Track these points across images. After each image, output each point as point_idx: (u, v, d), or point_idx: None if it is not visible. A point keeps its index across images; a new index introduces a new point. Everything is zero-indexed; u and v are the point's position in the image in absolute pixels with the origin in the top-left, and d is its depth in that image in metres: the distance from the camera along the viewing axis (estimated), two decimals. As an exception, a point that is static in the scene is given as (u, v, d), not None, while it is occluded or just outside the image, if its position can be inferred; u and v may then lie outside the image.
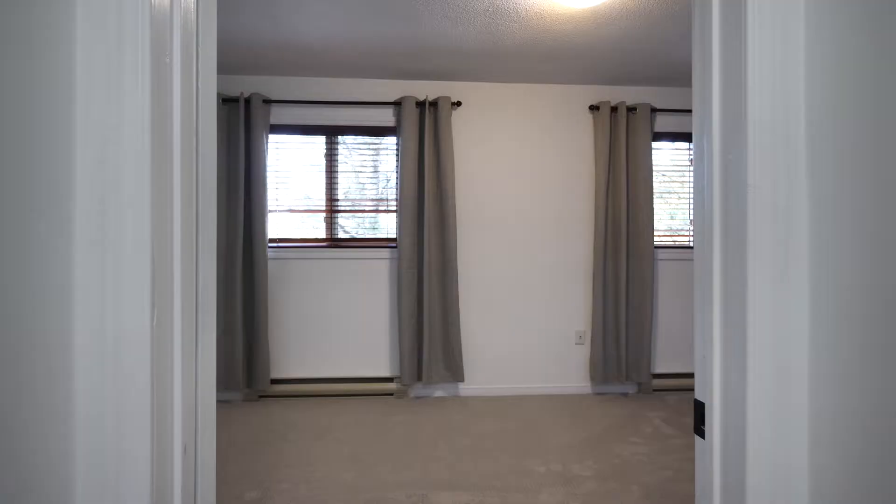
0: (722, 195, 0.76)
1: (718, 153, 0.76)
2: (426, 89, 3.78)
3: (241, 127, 3.52)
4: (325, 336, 3.75)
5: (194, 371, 0.76)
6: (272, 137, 3.76)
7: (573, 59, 3.33)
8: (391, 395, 3.76)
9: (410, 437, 2.99)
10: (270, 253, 3.70)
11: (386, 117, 3.78)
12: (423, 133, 3.66)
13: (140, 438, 0.63)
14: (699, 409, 0.84)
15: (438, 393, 3.81)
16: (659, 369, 3.94)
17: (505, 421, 3.27)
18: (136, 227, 0.62)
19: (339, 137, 3.82)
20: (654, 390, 3.91)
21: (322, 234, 3.81)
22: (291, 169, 3.79)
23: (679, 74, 3.63)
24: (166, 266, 0.68)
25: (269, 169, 3.70)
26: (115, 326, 0.63)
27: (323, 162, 3.81)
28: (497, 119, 3.83)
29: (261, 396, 3.67)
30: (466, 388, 3.82)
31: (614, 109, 3.77)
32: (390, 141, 3.84)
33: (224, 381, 3.55)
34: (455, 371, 3.68)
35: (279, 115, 3.72)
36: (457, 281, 3.66)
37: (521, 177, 3.85)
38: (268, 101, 3.61)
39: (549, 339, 3.88)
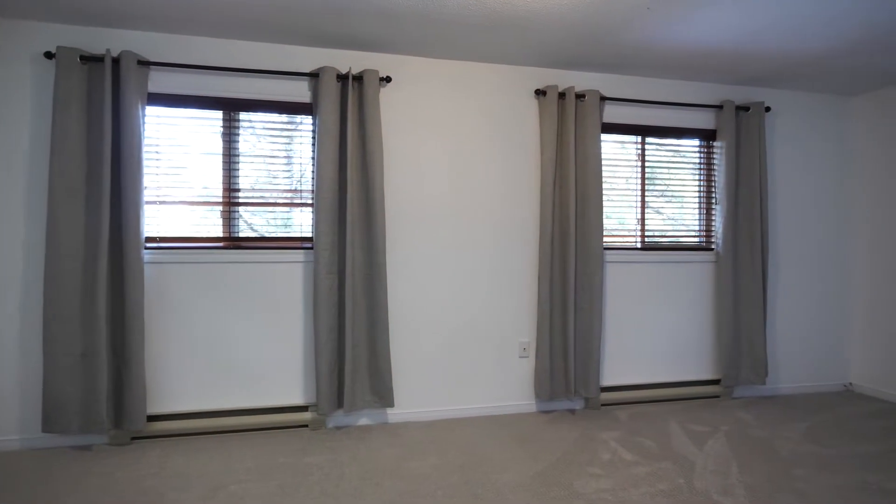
0: None
1: None
2: (350, 60, 3.19)
3: (107, 94, 2.73)
4: (221, 358, 3.04)
5: None
6: (151, 110, 2.99)
7: (520, 29, 2.89)
8: (306, 426, 3.12)
9: (330, 487, 2.39)
10: (148, 255, 2.93)
11: (300, 91, 3.14)
12: (346, 112, 3.06)
13: None
14: None
15: (363, 421, 3.22)
16: (606, 381, 3.62)
17: (445, 454, 2.77)
18: None
19: (241, 114, 3.12)
20: (603, 405, 3.58)
21: (218, 232, 3.09)
22: (178, 150, 3.03)
23: (631, 60, 3.31)
24: None
25: (146, 149, 2.93)
26: None
27: (220, 143, 3.09)
28: (433, 99, 3.32)
29: (134, 438, 2.89)
30: (396, 413, 3.26)
31: (562, 95, 3.39)
32: (308, 121, 3.20)
33: (81, 420, 2.74)
34: (383, 394, 3.12)
35: (160, 81, 2.96)
36: (385, 288, 3.10)
37: (459, 167, 3.36)
38: (144, 63, 2.84)
39: (491, 352, 3.43)
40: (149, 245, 2.95)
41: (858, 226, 4.04)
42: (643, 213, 3.71)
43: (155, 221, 2.99)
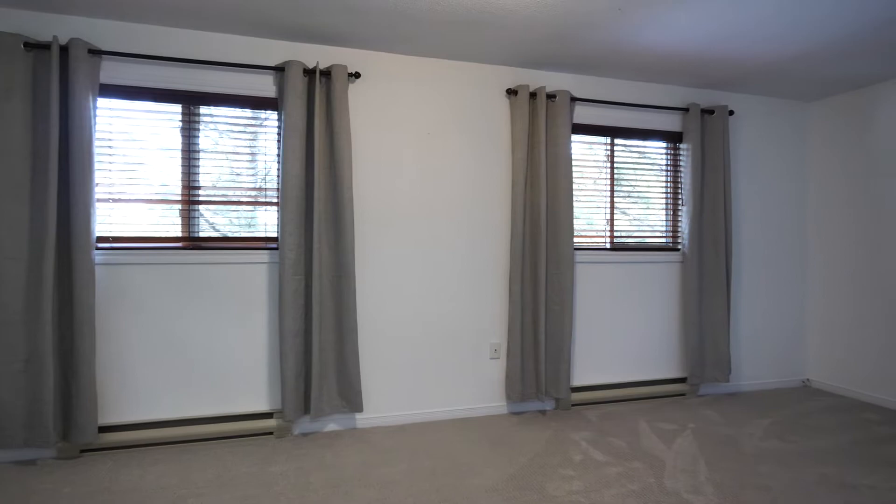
0: None
1: None
2: (317, 54, 3.09)
3: (54, 84, 2.56)
4: (180, 365, 2.89)
5: None
6: (103, 102, 2.82)
7: (493, 27, 2.85)
8: (270, 433, 3.00)
9: (296, 497, 2.30)
10: (99, 256, 2.76)
11: (265, 86, 3.02)
12: (313, 108, 2.96)
13: None
14: None
15: (331, 426, 3.13)
16: (576, 382, 3.63)
17: (415, 460, 2.70)
18: None
19: (202, 108, 2.98)
20: (573, 405, 3.58)
21: (177, 231, 2.94)
22: (134, 146, 2.87)
23: (601, 60, 3.33)
24: None
25: (98, 144, 2.77)
26: None
27: (179, 138, 2.94)
28: (403, 96, 3.25)
29: (84, 451, 2.72)
30: (365, 418, 3.18)
31: (533, 95, 3.38)
32: (273, 117, 3.08)
33: (25, 432, 2.56)
34: (351, 399, 3.03)
35: (114, 72, 2.79)
36: (354, 289, 3.01)
37: (429, 166, 3.30)
38: (96, 52, 2.68)
39: (462, 354, 3.38)
40: (101, 245, 2.78)
41: (816, 227, 4.19)
42: (612, 213, 3.74)
43: (109, 220, 2.82)
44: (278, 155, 3.03)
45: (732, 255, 3.95)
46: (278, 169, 3.02)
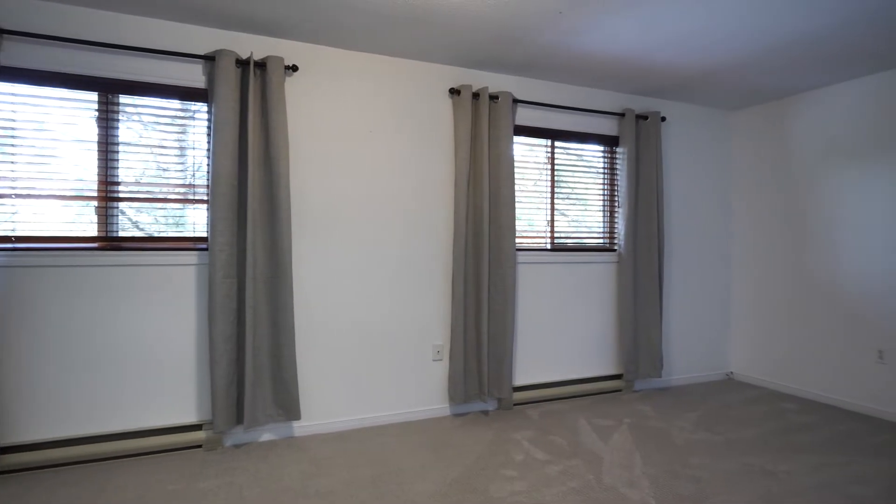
0: None
1: None
2: (251, 45, 2.93)
3: (-55, 63, 2.28)
4: (97, 376, 2.66)
5: None
6: (5, 87, 2.54)
7: (436, 25, 2.82)
8: (199, 446, 2.82)
9: (227, 513, 2.16)
10: (0, 258, 2.48)
11: (194, 75, 2.83)
12: (247, 101, 2.81)
13: None
14: None
15: (266, 436, 2.98)
16: (518, 381, 3.66)
17: (356, 468, 2.62)
18: None
19: (122, 97, 2.75)
20: (515, 404, 3.61)
21: (93, 231, 2.69)
22: (41, 136, 2.61)
23: (542, 62, 3.37)
24: None
25: (-2, 132, 2.49)
26: None
27: (95, 129, 2.70)
28: (344, 93, 3.15)
29: (-19, 475, 2.44)
30: (303, 426, 3.06)
31: (476, 96, 3.37)
32: (204, 109, 2.89)
33: None
34: (288, 407, 2.90)
35: (19, 53, 2.52)
36: (291, 291, 2.89)
37: (370, 164, 3.22)
38: (-4, 31, 2.41)
39: (404, 356, 3.32)
40: (1, 246, 2.50)
41: (739, 229, 4.45)
42: (553, 214, 3.80)
43: (12, 219, 2.54)
44: (208, 150, 2.85)
45: (664, 255, 4.12)
46: (208, 165, 2.84)
